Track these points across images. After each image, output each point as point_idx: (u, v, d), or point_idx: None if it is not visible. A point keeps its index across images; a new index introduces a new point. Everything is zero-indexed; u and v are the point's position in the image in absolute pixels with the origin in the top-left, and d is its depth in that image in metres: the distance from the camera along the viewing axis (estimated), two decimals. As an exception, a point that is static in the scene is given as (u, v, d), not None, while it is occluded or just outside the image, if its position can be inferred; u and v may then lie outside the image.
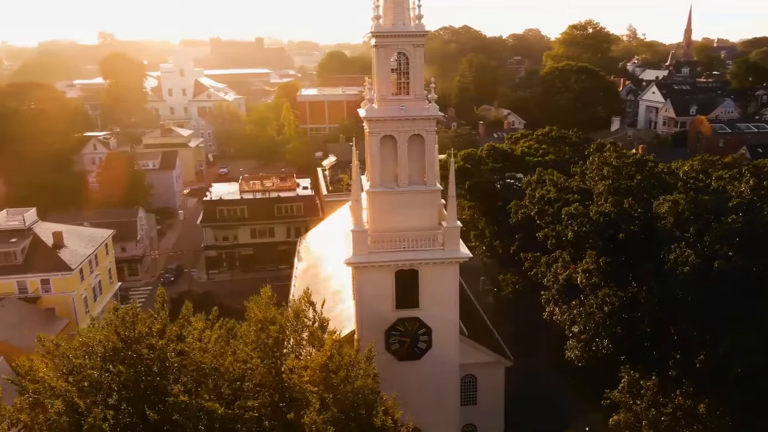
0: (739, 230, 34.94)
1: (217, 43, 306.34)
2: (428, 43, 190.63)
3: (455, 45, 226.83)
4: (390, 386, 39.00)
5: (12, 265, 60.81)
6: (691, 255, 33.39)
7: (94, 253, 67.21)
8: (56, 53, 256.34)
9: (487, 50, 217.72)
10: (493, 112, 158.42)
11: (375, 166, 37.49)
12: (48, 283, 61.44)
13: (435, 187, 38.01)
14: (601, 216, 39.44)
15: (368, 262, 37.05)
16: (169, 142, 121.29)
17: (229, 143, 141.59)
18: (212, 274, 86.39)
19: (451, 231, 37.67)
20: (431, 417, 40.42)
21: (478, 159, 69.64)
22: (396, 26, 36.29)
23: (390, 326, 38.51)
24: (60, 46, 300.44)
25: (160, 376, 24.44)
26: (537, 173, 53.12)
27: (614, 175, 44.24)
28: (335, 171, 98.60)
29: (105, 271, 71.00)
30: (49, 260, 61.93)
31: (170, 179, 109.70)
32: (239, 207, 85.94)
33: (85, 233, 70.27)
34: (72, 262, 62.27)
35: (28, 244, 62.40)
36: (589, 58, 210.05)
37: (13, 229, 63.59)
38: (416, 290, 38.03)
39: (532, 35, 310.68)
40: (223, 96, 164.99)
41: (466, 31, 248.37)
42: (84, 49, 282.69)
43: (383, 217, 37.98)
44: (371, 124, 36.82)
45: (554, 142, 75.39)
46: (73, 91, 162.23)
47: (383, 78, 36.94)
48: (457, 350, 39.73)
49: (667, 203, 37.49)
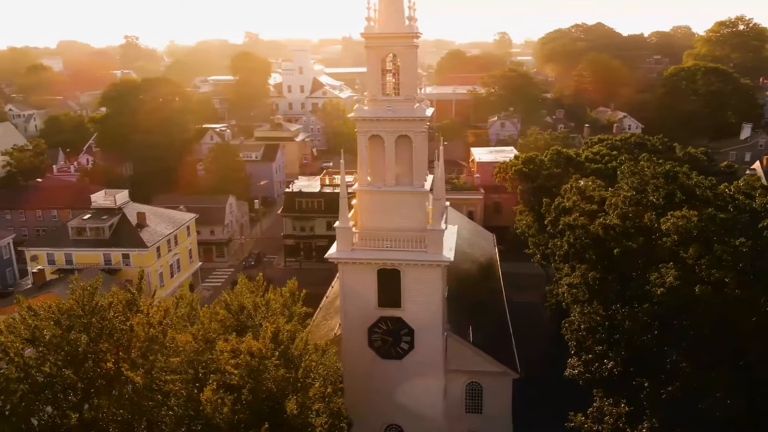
0: (745, 255, 31.10)
1: (349, 42, 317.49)
2: (554, 41, 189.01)
3: (584, 43, 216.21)
4: (374, 383, 39.94)
5: (101, 239, 69.15)
6: (669, 277, 30.30)
7: (173, 234, 74.17)
8: (206, 51, 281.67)
9: (621, 49, 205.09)
10: (608, 115, 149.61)
11: (363, 165, 38.24)
12: (128, 258, 69.08)
13: (422, 188, 37.91)
14: (602, 229, 36.93)
15: (349, 259, 37.95)
16: (277, 136, 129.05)
17: (335, 138, 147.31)
18: (289, 261, 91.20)
19: (434, 234, 37.40)
20: (415, 418, 40.55)
21: (539, 163, 67.07)
22: (386, 28, 36.67)
23: (373, 324, 39.09)
24: (211, 45, 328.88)
25: (98, 342, 27.40)
26: (572, 180, 50.34)
27: (638, 186, 41.03)
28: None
29: (185, 251, 78.01)
30: (131, 237, 69.54)
31: (270, 171, 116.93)
32: (317, 199, 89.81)
33: (170, 216, 77.64)
34: (149, 240, 69.41)
35: (116, 221, 70.49)
36: (739, 57, 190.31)
37: (106, 207, 72.23)
38: (398, 290, 38.24)
39: (680, 33, 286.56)
40: (338, 93, 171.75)
41: (598, 29, 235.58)
42: (231, 47, 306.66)
43: (370, 215, 38.63)
44: (359, 124, 37.62)
45: (632, 149, 70.38)
46: (206, 86, 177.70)
47: (374, 78, 37.53)
48: (441, 354, 39.30)
49: (672, 220, 34.20)
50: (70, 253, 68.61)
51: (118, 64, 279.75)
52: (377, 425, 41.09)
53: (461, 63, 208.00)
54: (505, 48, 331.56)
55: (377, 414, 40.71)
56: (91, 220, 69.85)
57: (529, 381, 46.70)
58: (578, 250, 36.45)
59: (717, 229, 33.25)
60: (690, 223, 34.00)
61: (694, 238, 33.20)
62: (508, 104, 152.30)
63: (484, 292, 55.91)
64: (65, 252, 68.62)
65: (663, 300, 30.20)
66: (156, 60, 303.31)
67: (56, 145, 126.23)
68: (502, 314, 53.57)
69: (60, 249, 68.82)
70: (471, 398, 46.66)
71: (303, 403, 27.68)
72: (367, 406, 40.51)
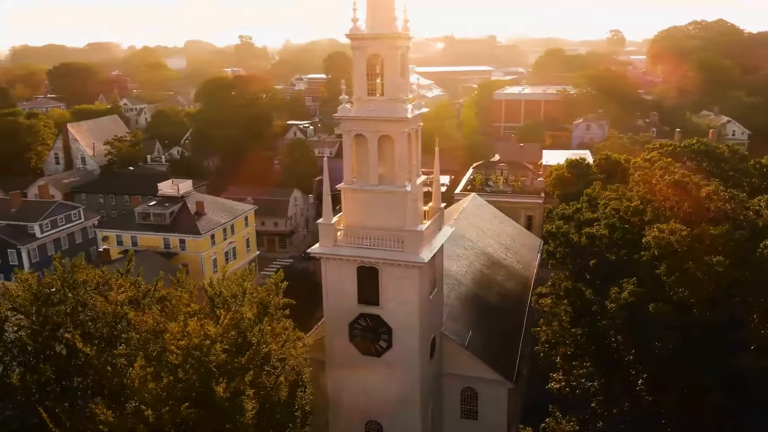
0: (722, 274, 28.37)
1: (450, 40, 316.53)
2: (665, 39, 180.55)
3: (698, 41, 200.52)
4: (355, 379, 40.73)
5: (162, 225, 74.97)
6: (625, 293, 28.20)
7: (229, 223, 78.76)
8: (313, 50, 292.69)
9: (742, 48, 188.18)
10: (710, 119, 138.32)
11: (347, 164, 39.01)
12: (184, 243, 74.33)
13: (403, 188, 37.97)
14: (587, 238, 35.13)
15: (329, 255, 38.86)
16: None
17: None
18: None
19: (411, 234, 37.36)
20: (393, 416, 40.78)
21: (585, 168, 64.10)
22: (370, 29, 37.09)
23: (353, 319, 39.74)
24: (320, 44, 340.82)
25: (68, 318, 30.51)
26: (592, 187, 47.71)
27: (645, 194, 38.47)
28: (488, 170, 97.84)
29: (242, 240, 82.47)
30: (188, 224, 74.77)
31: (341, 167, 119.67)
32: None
33: (230, 206, 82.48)
34: (204, 228, 74.27)
35: (177, 209, 76.11)
36: None
37: (170, 196, 78.12)
38: (377, 288, 38.61)
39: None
40: (425, 93, 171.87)
41: (718, 26, 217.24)
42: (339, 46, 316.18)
43: (353, 213, 39.33)
44: (343, 123, 38.47)
45: (695, 156, 65.18)
46: (301, 83, 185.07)
47: (359, 79, 38.12)
48: (417, 355, 39.14)
49: (653, 232, 31.84)
50: (135, 236, 74.98)
51: (233, 62, 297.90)
52: (358, 420, 41.72)
53: (560, 62, 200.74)
54: (617, 47, 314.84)
55: (358, 409, 41.34)
56: (155, 207, 75.93)
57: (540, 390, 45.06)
58: (557, 258, 34.86)
59: (701, 246, 30.56)
60: (674, 236, 31.56)
61: (673, 253, 30.77)
62: (599, 105, 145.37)
63: (501, 297, 54.62)
64: (131, 234, 75.09)
65: (616, 315, 28.29)
66: (267, 58, 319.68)
67: (160, 137, 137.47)
68: (517, 322, 52.07)
69: (127, 232, 75.44)
70: (467, 404, 46.08)
71: (237, 387, 29.03)
72: (349, 402, 41.32)
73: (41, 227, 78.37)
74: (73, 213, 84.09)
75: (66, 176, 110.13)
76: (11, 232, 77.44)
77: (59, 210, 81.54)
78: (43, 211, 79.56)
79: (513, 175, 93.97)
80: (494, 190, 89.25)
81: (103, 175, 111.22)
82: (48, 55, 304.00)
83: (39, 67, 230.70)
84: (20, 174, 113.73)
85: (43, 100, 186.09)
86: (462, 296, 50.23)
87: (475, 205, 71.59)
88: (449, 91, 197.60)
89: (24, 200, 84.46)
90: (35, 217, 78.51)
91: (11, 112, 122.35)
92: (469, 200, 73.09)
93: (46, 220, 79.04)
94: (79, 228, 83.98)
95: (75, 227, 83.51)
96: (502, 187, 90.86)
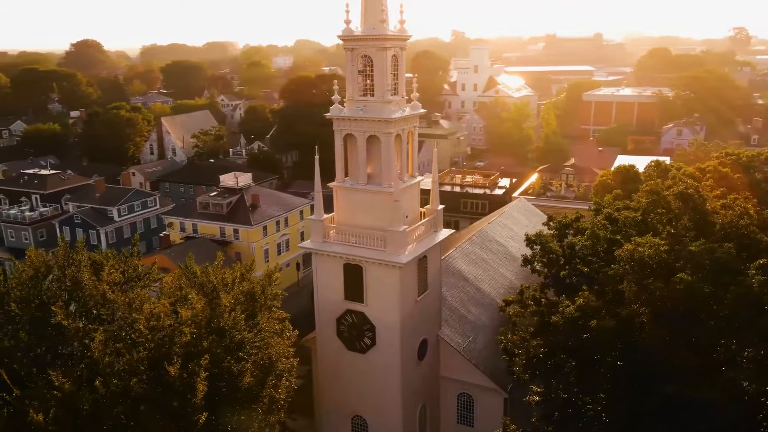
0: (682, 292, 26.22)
1: (552, 39, 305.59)
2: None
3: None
4: (342, 373, 41.68)
5: (219, 214, 79.56)
6: (570, 307, 26.65)
7: (283, 216, 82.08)
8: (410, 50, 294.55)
9: None
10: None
11: (339, 162, 39.90)
12: (238, 233, 78.44)
13: (389, 188, 38.22)
14: (568, 249, 33.67)
15: (316, 250, 39.94)
16: (428, 133, 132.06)
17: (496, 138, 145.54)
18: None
19: (393, 234, 37.57)
20: (377, 412, 41.23)
21: (634, 175, 60.60)
22: (362, 31, 37.64)
23: (340, 315, 40.58)
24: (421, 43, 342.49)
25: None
26: (608, 197, 45.06)
27: (648, 206, 36.21)
28: (553, 174, 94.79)
29: (296, 233, 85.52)
30: (242, 215, 78.81)
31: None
32: (427, 197, 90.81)
33: (286, 200, 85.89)
34: (256, 219, 77.97)
35: (234, 200, 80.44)
36: None
37: (230, 187, 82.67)
38: (361, 286, 39.19)
39: None
40: (513, 93, 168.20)
41: None
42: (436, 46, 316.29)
43: (343, 211, 40.19)
44: (335, 122, 39.45)
45: (734, 165, 59.82)
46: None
47: (351, 79, 38.84)
48: (398, 355, 39.25)
49: (628, 246, 29.90)
50: (196, 224, 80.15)
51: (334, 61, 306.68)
52: (344, 414, 42.52)
53: (664, 63, 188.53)
54: (741, 45, 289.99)
55: (344, 403, 42.15)
56: (214, 197, 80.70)
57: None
58: (533, 267, 33.62)
59: (674, 262, 28.37)
60: (651, 250, 29.55)
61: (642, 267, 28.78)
62: (698, 109, 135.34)
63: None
64: (192, 222, 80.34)
65: (562, 329, 26.89)
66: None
67: (250, 132, 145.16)
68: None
69: (189, 219, 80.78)
70: (463, 409, 45.51)
71: (193, 370, 30.85)
72: (336, 395, 42.24)
73: (119, 211, 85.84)
74: (150, 200, 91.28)
75: (151, 166, 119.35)
76: (94, 215, 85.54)
77: (136, 197, 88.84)
78: (122, 197, 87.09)
79: (577, 181, 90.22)
80: (555, 195, 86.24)
81: (187, 166, 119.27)
82: (171, 54, 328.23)
83: (156, 65, 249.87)
84: (120, 162, 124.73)
85: (153, 96, 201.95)
86: (473, 300, 49.48)
87: (519, 209, 69.75)
88: (542, 92, 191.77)
89: (108, 186, 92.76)
90: (114, 202, 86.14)
91: (116, 106, 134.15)
92: (514, 204, 71.34)
93: (123, 206, 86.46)
94: (154, 214, 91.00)
95: (150, 213, 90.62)
96: (563, 192, 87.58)
